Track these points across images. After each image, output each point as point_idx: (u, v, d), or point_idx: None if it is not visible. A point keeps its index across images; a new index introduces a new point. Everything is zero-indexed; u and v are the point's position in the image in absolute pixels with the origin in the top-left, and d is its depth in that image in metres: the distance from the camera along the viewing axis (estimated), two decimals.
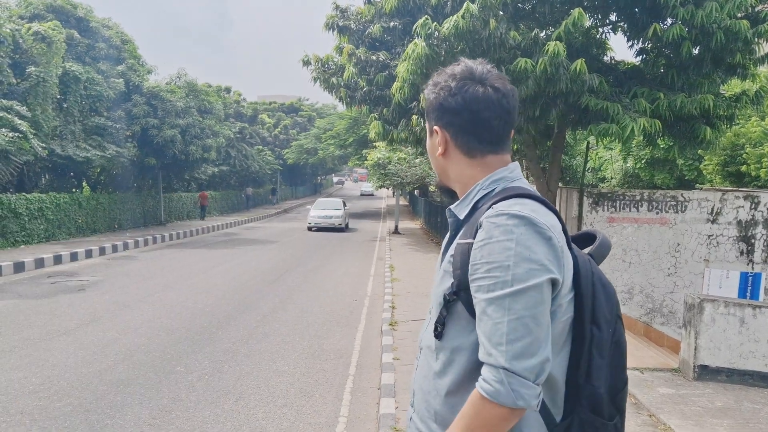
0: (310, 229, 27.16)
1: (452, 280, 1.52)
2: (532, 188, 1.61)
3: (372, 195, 71.48)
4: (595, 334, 1.52)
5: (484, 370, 1.39)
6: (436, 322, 1.56)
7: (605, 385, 1.53)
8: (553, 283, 1.44)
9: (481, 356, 1.41)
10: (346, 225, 28.50)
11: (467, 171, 1.64)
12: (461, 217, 1.61)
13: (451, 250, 1.57)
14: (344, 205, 29.01)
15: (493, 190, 1.59)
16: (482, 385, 1.38)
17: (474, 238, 1.47)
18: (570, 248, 1.56)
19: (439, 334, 1.55)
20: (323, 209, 27.78)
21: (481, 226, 1.46)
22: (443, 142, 1.64)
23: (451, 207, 1.67)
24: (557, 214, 1.55)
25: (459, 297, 1.50)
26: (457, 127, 1.62)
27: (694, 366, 6.40)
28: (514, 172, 1.63)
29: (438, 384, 1.57)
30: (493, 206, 1.49)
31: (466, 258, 1.48)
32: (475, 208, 1.58)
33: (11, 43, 16.79)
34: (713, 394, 6.03)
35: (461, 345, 1.51)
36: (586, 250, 1.68)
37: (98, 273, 13.48)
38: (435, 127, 1.65)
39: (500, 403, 1.36)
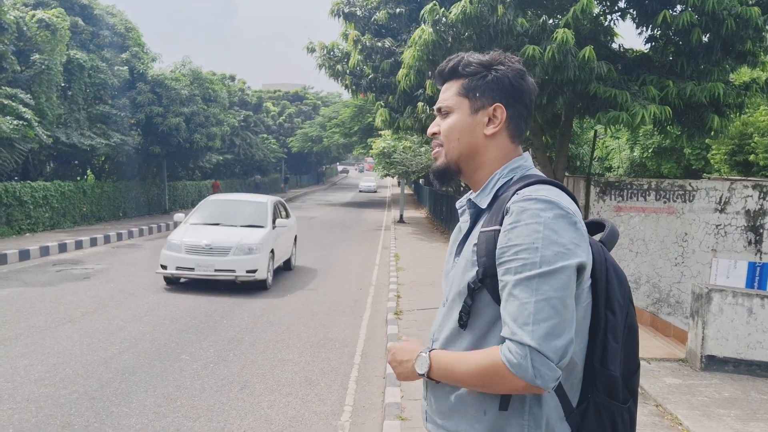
0: (168, 279, 10.74)
1: (477, 268, 1.52)
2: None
3: (375, 191, 54.99)
4: (609, 318, 1.54)
5: (510, 343, 1.39)
6: (461, 312, 1.55)
7: (619, 369, 1.55)
8: (580, 267, 1.44)
9: (505, 334, 1.41)
10: (277, 269, 11.94)
11: (503, 156, 1.65)
12: (483, 206, 1.62)
13: (474, 239, 1.57)
14: (279, 212, 12.44)
15: (512, 178, 1.61)
16: (506, 354, 1.38)
17: (500, 225, 1.48)
18: None
19: (464, 324, 1.55)
20: (212, 225, 11.28)
21: (507, 211, 1.48)
22: (501, 121, 1.62)
23: (471, 198, 1.67)
24: (576, 201, 1.57)
25: (485, 285, 1.50)
26: (516, 110, 1.63)
27: (701, 356, 6.36)
28: (528, 161, 1.67)
29: None
30: (518, 192, 1.50)
31: (491, 245, 1.48)
32: (496, 197, 1.59)
33: (15, 30, 16.72)
34: (720, 384, 5.99)
35: (488, 333, 1.52)
36: (597, 237, 1.69)
37: (103, 261, 13.48)
38: (497, 104, 1.61)
39: (519, 377, 1.37)
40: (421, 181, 36.41)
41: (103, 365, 6.36)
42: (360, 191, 55.70)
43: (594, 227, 1.74)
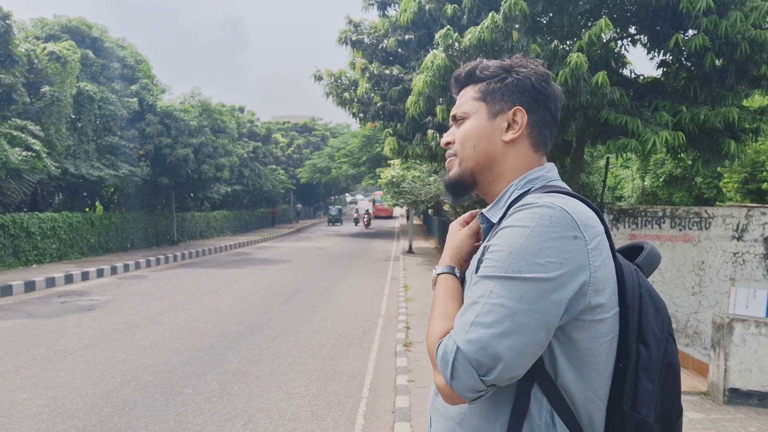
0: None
1: None
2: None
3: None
4: (642, 353, 1.32)
5: (447, 337, 1.29)
6: None
7: (655, 414, 1.31)
8: (579, 291, 1.26)
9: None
10: None
11: (524, 166, 1.47)
12: (495, 220, 1.43)
13: (479, 255, 1.40)
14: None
15: (529, 189, 1.42)
16: (442, 345, 1.29)
17: None
18: (615, 258, 1.37)
19: None
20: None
21: (507, 216, 1.35)
22: (521, 126, 1.45)
23: (483, 211, 1.49)
24: (602, 218, 1.36)
25: None
26: (540, 116, 1.47)
27: (724, 389, 6.10)
28: (551, 172, 1.47)
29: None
30: (525, 198, 1.36)
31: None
32: (509, 210, 1.41)
33: (26, 62, 16.88)
34: (745, 419, 5.72)
35: None
36: (636, 261, 1.49)
37: (108, 292, 13.34)
38: (517, 107, 1.44)
39: (440, 372, 1.28)
40: (430, 211, 36.26)
41: (103, 399, 6.16)
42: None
43: (633, 251, 1.55)
